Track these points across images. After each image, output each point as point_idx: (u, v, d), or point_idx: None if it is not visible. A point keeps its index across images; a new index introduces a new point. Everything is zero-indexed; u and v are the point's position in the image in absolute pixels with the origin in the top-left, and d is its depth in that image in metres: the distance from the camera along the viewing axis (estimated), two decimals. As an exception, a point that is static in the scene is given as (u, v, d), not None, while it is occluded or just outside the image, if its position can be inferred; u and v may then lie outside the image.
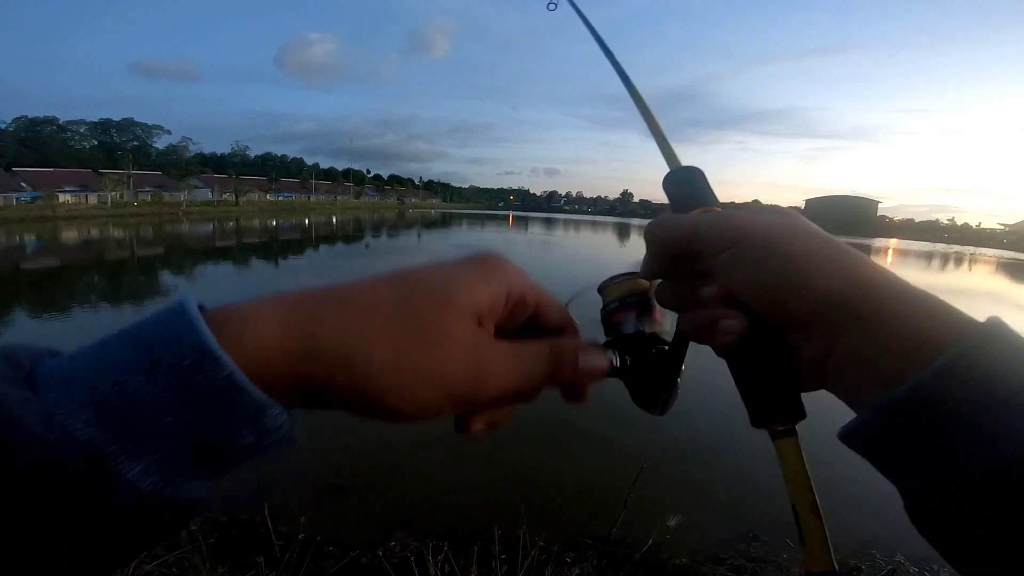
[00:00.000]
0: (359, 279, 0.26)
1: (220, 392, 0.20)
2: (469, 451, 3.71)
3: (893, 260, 36.04)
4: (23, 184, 52.40)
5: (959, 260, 40.32)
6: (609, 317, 0.37)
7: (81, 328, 8.01)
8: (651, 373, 0.35)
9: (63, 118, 73.48)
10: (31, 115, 69.98)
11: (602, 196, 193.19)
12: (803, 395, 0.30)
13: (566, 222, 64.06)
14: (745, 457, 3.66)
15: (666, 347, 0.36)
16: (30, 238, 25.89)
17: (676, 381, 0.35)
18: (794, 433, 0.29)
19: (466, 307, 0.26)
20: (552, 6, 0.76)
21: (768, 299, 0.29)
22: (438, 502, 3.22)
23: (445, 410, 0.26)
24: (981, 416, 0.22)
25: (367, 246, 25.83)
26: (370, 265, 17.82)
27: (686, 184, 0.37)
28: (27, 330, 7.95)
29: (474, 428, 0.28)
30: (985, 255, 47.67)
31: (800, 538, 0.27)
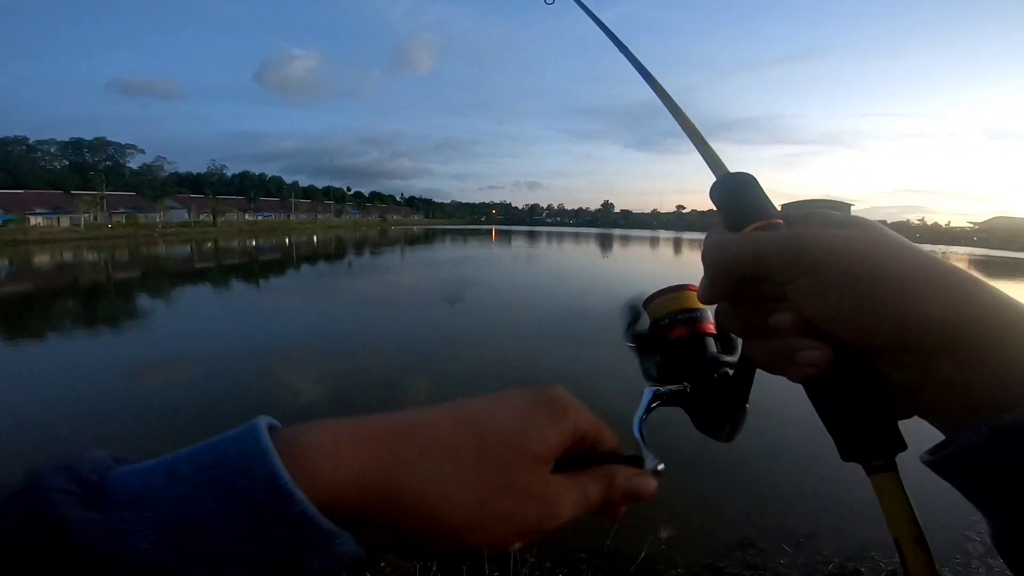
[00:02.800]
0: (433, 412, 0.27)
1: (292, 525, 0.21)
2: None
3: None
4: (-7, 208, 51.20)
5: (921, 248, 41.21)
6: (663, 333, 0.35)
7: (57, 356, 7.76)
8: (714, 400, 0.33)
9: (33, 138, 72.36)
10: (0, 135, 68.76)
11: (583, 208, 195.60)
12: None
13: (549, 235, 64.48)
14: (737, 464, 3.65)
15: (729, 371, 0.33)
16: (1, 263, 25.18)
17: (744, 407, 0.33)
18: (893, 467, 0.27)
19: (540, 454, 0.27)
20: (549, 1, 0.73)
21: (855, 328, 0.26)
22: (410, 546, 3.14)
23: (514, 543, 0.27)
24: None
25: (350, 265, 25.64)
26: (354, 285, 17.67)
27: (738, 193, 0.32)
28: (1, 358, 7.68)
29: (513, 550, 0.29)
30: (957, 253, 49.08)
31: (905, 574, 0.26)
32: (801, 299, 0.27)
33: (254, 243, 43.14)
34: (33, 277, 20.10)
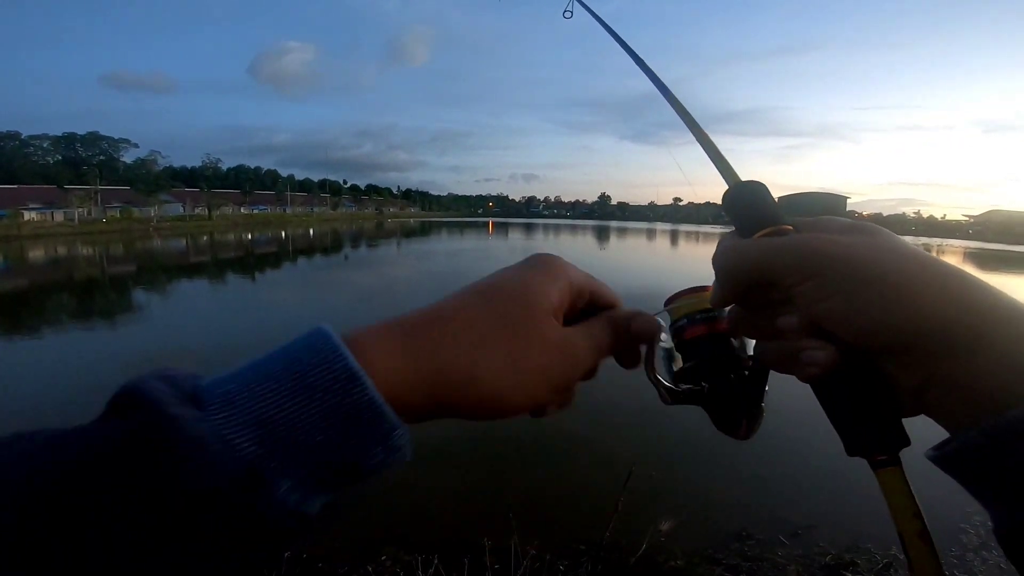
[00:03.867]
0: (452, 299, 0.29)
1: (363, 413, 0.23)
2: (457, 462, 3.65)
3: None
4: (-15, 203, 50.71)
5: (927, 252, 41.27)
6: (681, 334, 0.36)
7: (54, 351, 7.73)
8: (732, 399, 0.34)
9: (25, 132, 71.62)
10: (-9, 130, 67.98)
11: (580, 200, 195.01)
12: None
13: (545, 227, 64.41)
14: (734, 456, 3.67)
15: (745, 371, 0.35)
16: (-6, 259, 25.02)
17: (760, 405, 0.35)
18: (897, 462, 0.28)
19: (547, 307, 0.29)
20: (568, 14, 0.73)
21: (859, 331, 0.27)
22: (428, 515, 3.15)
23: (549, 397, 0.29)
24: None
25: (346, 257, 25.55)
26: (351, 276, 17.62)
27: (749, 202, 0.33)
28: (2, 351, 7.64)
29: (549, 412, 0.31)
30: (952, 246, 49.21)
31: (909, 567, 0.27)
32: (807, 302, 0.28)
33: (250, 236, 42.87)
34: (28, 272, 19.97)
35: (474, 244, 33.91)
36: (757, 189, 0.34)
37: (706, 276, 0.35)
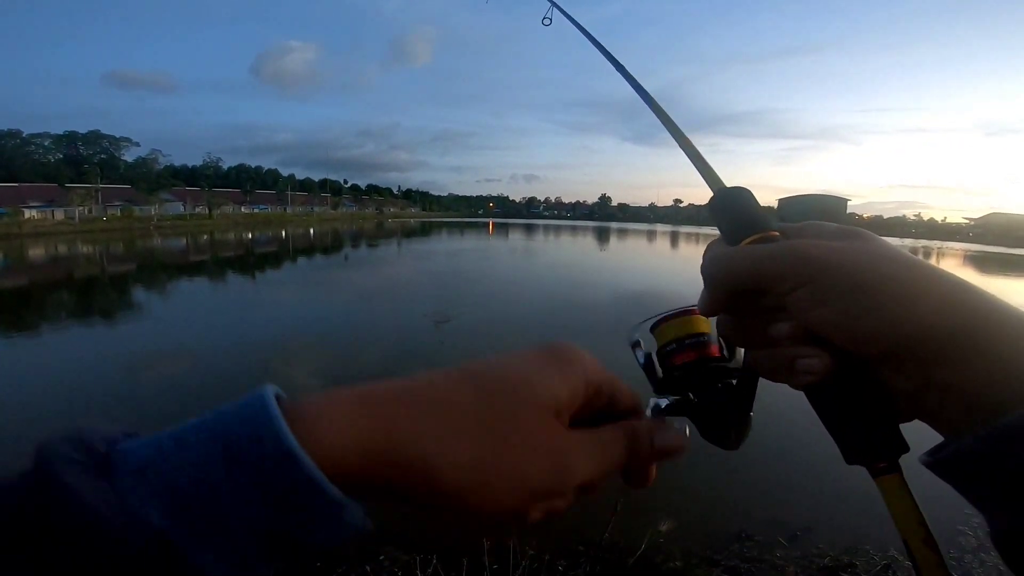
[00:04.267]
0: (434, 373, 0.26)
1: (298, 491, 0.21)
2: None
3: (865, 257, 36.92)
4: (-15, 201, 50.73)
5: (927, 254, 41.54)
6: (669, 358, 0.36)
7: (52, 349, 7.74)
8: (719, 409, 0.35)
9: (26, 131, 71.57)
10: (-8, 129, 68.01)
11: (580, 201, 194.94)
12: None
13: (546, 228, 64.40)
14: (735, 459, 3.67)
15: (733, 381, 0.35)
16: (-6, 257, 25.03)
17: (749, 416, 0.34)
18: (897, 469, 0.28)
19: (546, 404, 0.26)
20: (547, 21, 0.73)
21: (855, 338, 0.27)
22: (426, 515, 3.15)
23: (528, 505, 0.25)
24: None
25: (346, 258, 25.57)
26: (352, 276, 17.63)
27: (735, 208, 0.33)
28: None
29: (532, 519, 0.27)
30: (952, 249, 49.32)
31: (917, 574, 0.27)
32: (800, 310, 0.28)
33: (250, 236, 42.88)
34: (27, 270, 19.99)
35: (474, 244, 33.92)
36: (742, 195, 0.34)
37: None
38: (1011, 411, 0.22)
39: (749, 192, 0.34)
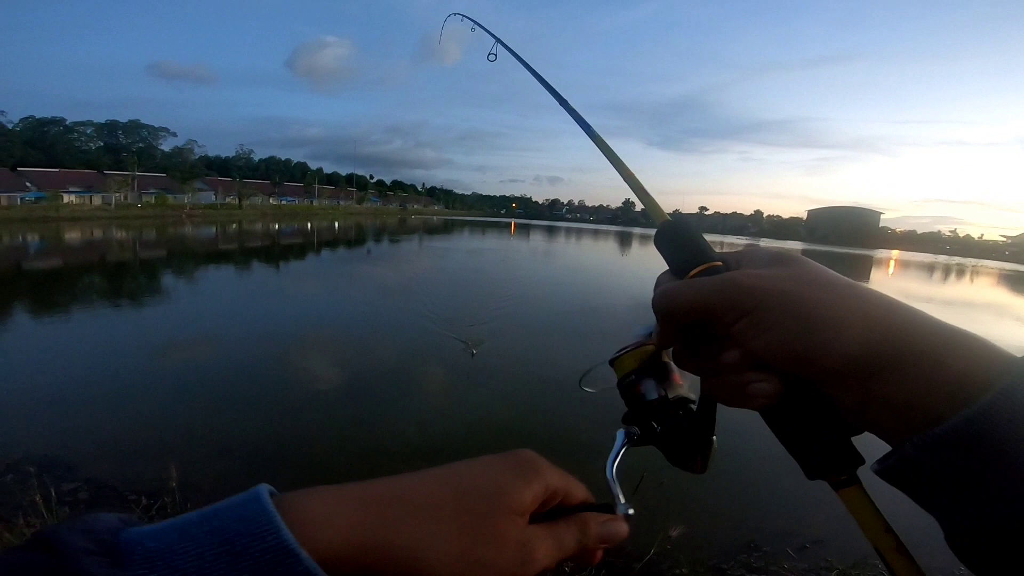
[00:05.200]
0: (418, 476, 0.30)
1: None
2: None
3: (894, 271, 36.07)
4: (28, 184, 52.66)
5: (961, 272, 40.30)
6: (630, 390, 0.38)
7: (81, 331, 8.01)
8: (682, 435, 0.36)
9: (70, 119, 74.09)
10: (39, 115, 70.70)
11: (604, 205, 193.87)
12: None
13: (568, 230, 64.18)
14: (745, 466, 3.64)
15: (693, 406, 0.37)
16: (33, 238, 25.96)
17: (711, 439, 0.36)
18: (856, 480, 0.29)
19: (514, 507, 0.29)
20: (492, 57, 0.79)
21: (795, 360, 0.29)
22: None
23: None
24: None
25: (368, 252, 25.88)
26: (373, 270, 17.85)
27: (680, 240, 0.35)
28: (27, 331, 7.95)
29: None
30: (987, 267, 47.73)
31: None
32: (745, 338, 0.30)
33: (277, 227, 43.71)
34: (61, 253, 20.71)
35: (495, 244, 34.02)
36: (685, 226, 0.35)
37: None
38: (944, 419, 0.24)
39: (691, 222, 0.36)
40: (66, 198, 50.99)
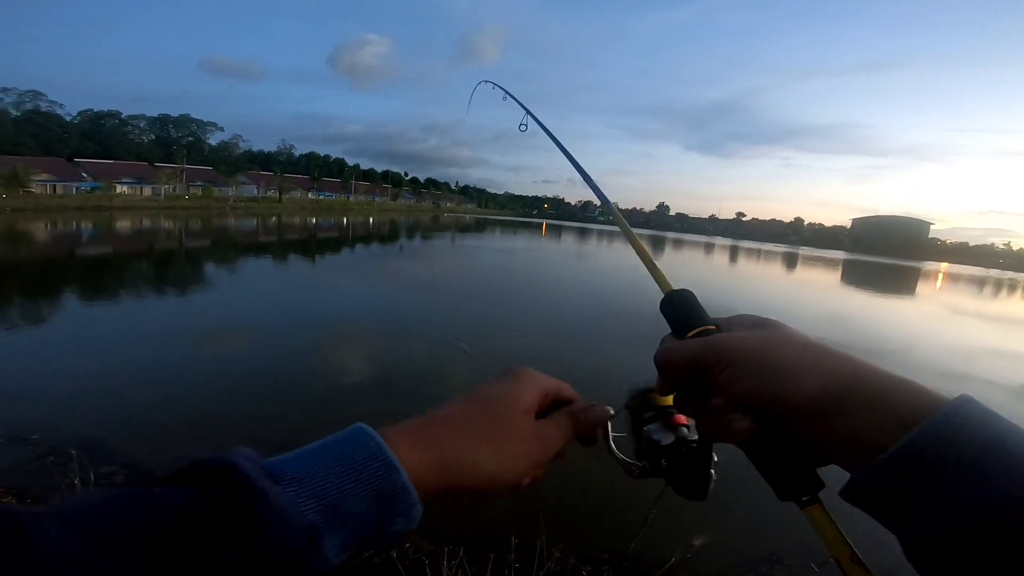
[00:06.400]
0: (457, 403, 0.39)
1: (397, 494, 0.31)
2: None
3: (942, 285, 34.41)
4: (84, 174, 55.40)
5: (1013, 287, 38.22)
6: (643, 429, 0.46)
7: (126, 316, 8.37)
8: (687, 470, 0.43)
9: (125, 112, 77.51)
10: (96, 108, 74.28)
11: (638, 208, 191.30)
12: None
13: (600, 233, 63.59)
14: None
15: (694, 444, 0.44)
16: (86, 226, 27.28)
17: (709, 472, 0.43)
18: (817, 500, 0.35)
19: (524, 408, 0.40)
20: (523, 127, 0.89)
21: (766, 403, 0.35)
22: (457, 506, 3.20)
23: (531, 475, 0.40)
24: (962, 472, 0.26)
25: (401, 248, 26.21)
26: (404, 266, 18.07)
27: (680, 307, 0.43)
28: (76, 315, 8.35)
29: (524, 486, 0.41)
30: (1039, 284, 44.92)
31: None
32: (727, 386, 0.37)
33: (314, 221, 44.73)
34: (112, 240, 21.72)
35: (526, 244, 33.98)
36: (686, 296, 0.44)
37: (762, 295, 0.43)
38: (884, 450, 0.29)
39: (692, 293, 0.44)
40: (119, 188, 53.41)
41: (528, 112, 0.85)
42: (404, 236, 34.72)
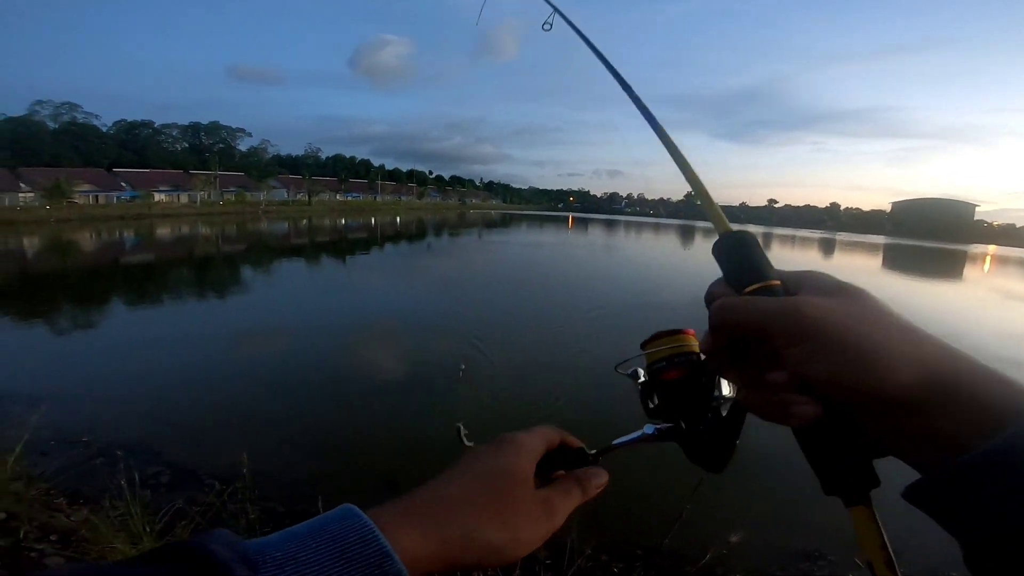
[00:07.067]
0: (444, 478, 0.37)
1: None
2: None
3: (991, 268, 32.84)
4: (123, 184, 57.63)
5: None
6: (659, 375, 0.39)
7: (167, 321, 8.68)
8: (708, 437, 0.38)
9: (157, 121, 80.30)
10: (129, 119, 77.17)
11: (665, 198, 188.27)
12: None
13: (627, 224, 62.80)
14: (811, 473, 3.44)
15: (722, 411, 0.38)
16: (128, 234, 28.41)
17: (735, 444, 0.38)
18: (868, 500, 0.31)
19: (520, 478, 0.38)
20: (547, 26, 0.69)
21: (842, 391, 0.30)
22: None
23: (539, 544, 0.38)
24: None
25: (428, 246, 26.45)
26: (432, 263, 18.24)
27: (740, 252, 0.36)
28: (122, 322, 8.71)
29: (538, 545, 0.40)
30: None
31: None
32: (796, 362, 0.31)
33: (343, 222, 45.61)
34: (153, 248, 22.56)
35: (553, 238, 33.86)
36: (747, 240, 0.36)
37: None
38: (968, 448, 0.27)
39: (754, 237, 0.36)
40: (156, 196, 55.38)
41: (555, 8, 0.67)
42: (432, 234, 35.02)
